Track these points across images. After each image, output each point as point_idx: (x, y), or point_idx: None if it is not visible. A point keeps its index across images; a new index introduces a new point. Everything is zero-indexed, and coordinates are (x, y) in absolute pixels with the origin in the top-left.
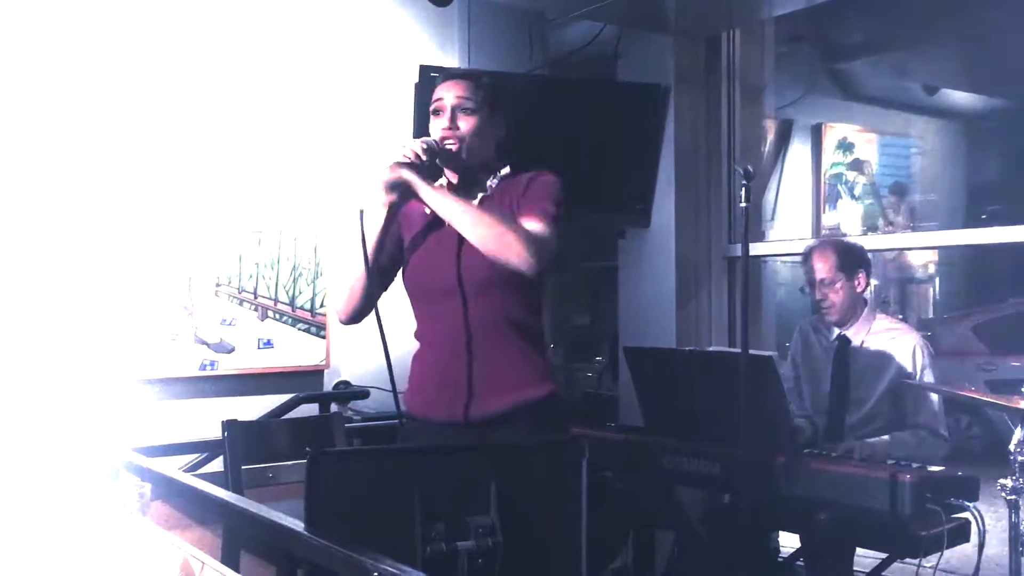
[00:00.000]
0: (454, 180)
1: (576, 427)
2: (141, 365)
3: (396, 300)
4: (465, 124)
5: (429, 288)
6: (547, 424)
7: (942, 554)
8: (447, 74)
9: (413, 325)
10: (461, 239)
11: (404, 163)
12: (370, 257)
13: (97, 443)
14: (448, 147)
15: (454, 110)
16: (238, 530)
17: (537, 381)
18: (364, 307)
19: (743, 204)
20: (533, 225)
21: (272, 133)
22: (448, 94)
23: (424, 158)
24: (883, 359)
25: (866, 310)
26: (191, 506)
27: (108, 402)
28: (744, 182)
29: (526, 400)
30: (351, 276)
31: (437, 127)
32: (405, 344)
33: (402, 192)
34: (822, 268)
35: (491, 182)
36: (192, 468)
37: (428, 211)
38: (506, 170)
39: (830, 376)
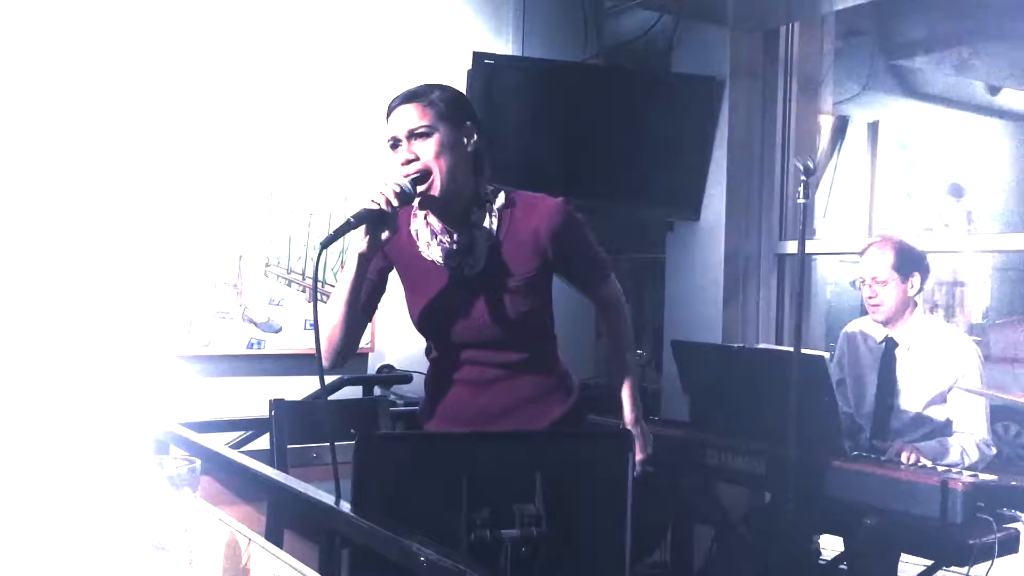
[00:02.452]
0: (436, 219)
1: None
2: (190, 342)
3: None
4: (424, 150)
5: (459, 341)
6: (581, 420)
7: (992, 564)
8: (395, 101)
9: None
10: (490, 299)
11: (374, 210)
12: (343, 303)
13: (146, 418)
14: (420, 186)
15: (409, 139)
16: (283, 508)
17: (566, 393)
18: (347, 348)
19: (801, 200)
20: (611, 285)
21: (326, 118)
22: (399, 123)
23: (396, 203)
24: (930, 363)
25: (915, 312)
26: (236, 482)
27: (157, 378)
28: (803, 178)
29: (563, 414)
30: (328, 321)
31: (396, 162)
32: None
33: (373, 241)
34: (877, 265)
35: (490, 222)
36: (237, 445)
37: (426, 255)
38: (500, 199)
39: (876, 378)
